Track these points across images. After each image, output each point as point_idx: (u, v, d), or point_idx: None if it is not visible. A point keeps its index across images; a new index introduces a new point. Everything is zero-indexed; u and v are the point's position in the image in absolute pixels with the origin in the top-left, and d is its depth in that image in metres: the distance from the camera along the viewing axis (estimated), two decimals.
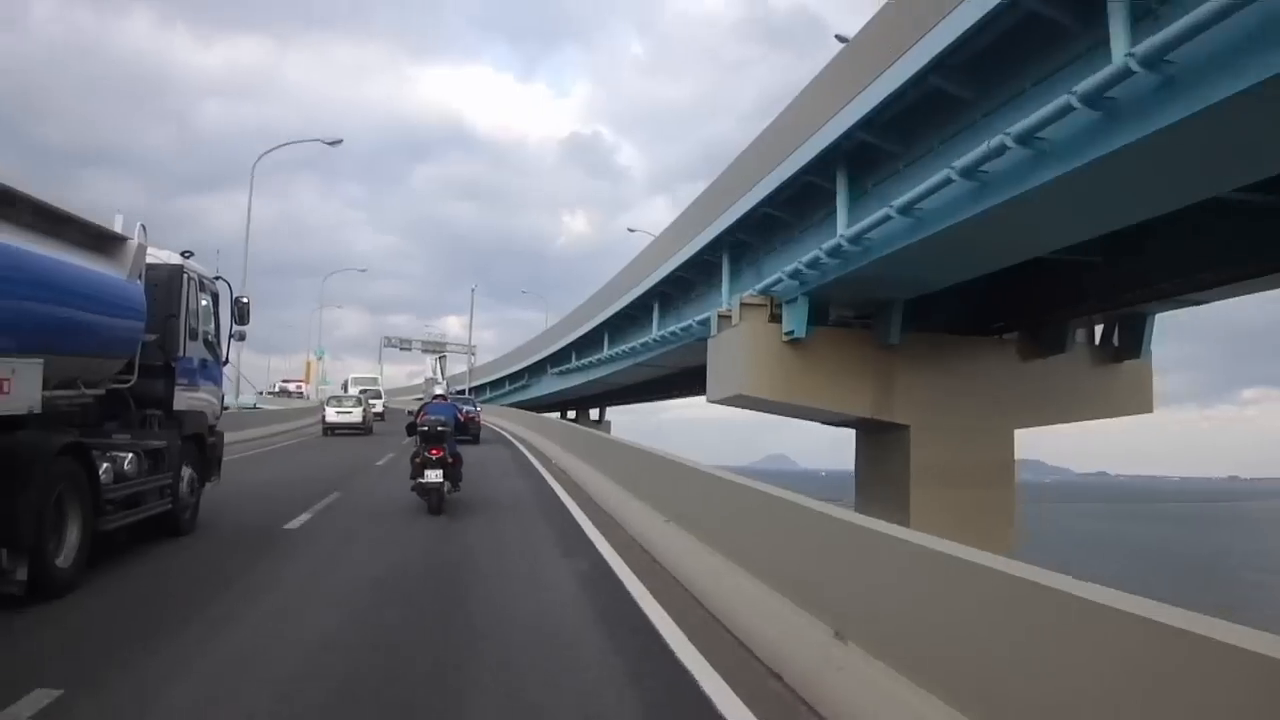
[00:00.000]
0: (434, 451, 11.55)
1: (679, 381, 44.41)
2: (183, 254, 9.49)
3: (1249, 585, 38.94)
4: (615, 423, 74.89)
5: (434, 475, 11.41)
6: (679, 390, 54.18)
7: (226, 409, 41.76)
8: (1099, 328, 23.62)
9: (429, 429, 11.77)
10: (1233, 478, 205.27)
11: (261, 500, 12.43)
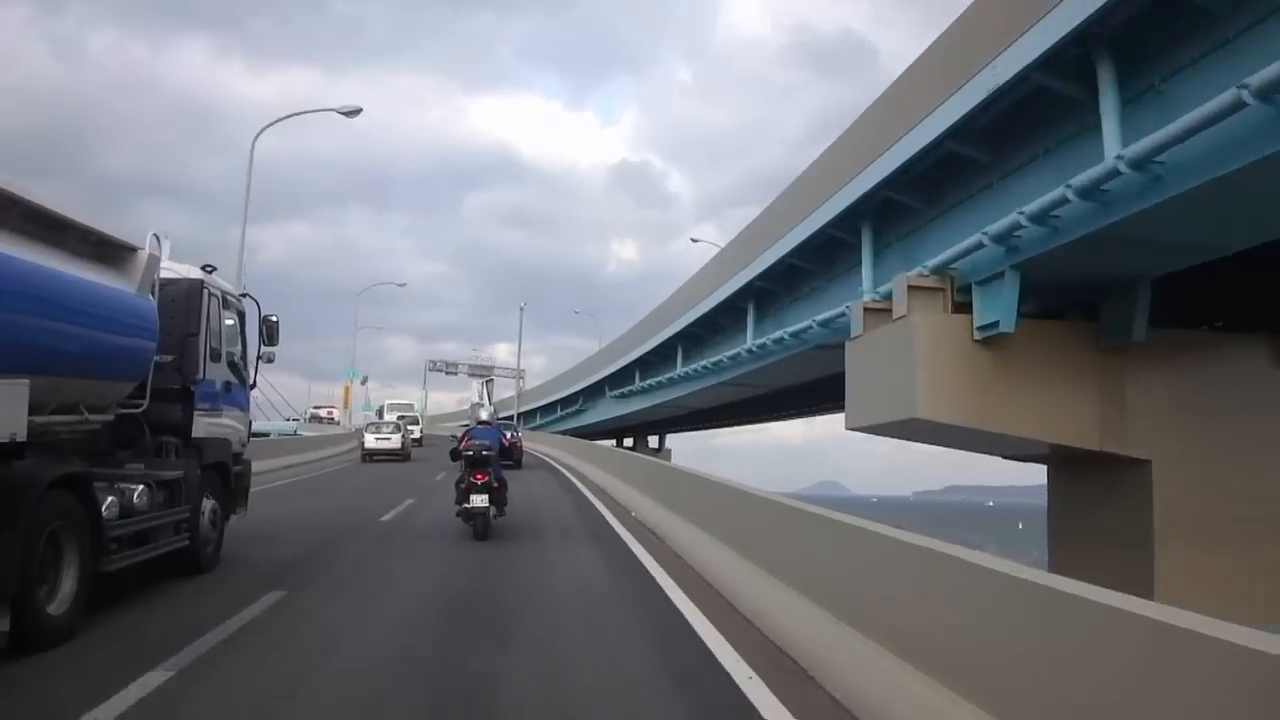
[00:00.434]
0: (479, 476, 11.43)
1: (773, 403, 39.09)
2: (204, 268, 8.81)
3: None
4: (674, 450, 67.00)
5: (480, 500, 11.32)
6: (770, 413, 47.71)
7: (265, 436, 41.88)
8: None
9: (474, 454, 11.68)
10: None
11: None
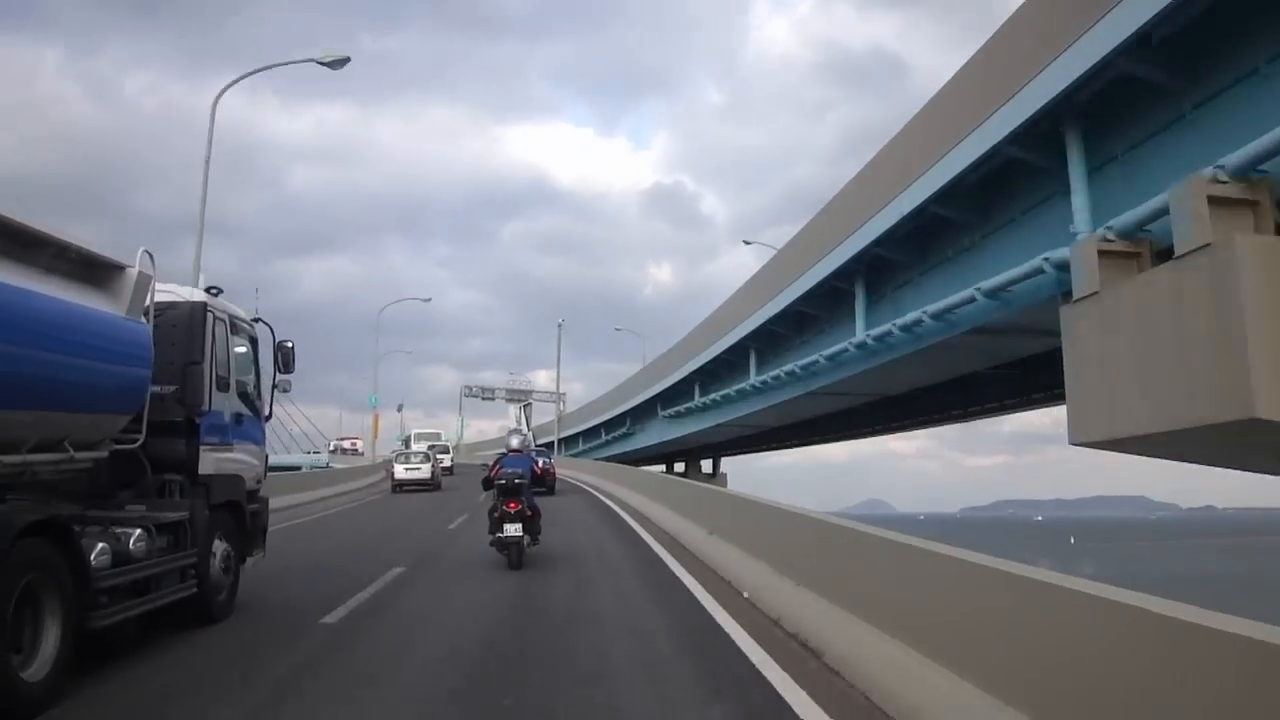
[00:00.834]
0: (511, 505, 11.27)
1: (868, 415, 32.30)
2: (209, 290, 8.14)
3: None
4: (729, 475, 61.09)
5: (513, 529, 11.20)
6: (860, 428, 38.40)
7: (295, 469, 41.49)
8: None
9: (506, 482, 11.52)
10: None
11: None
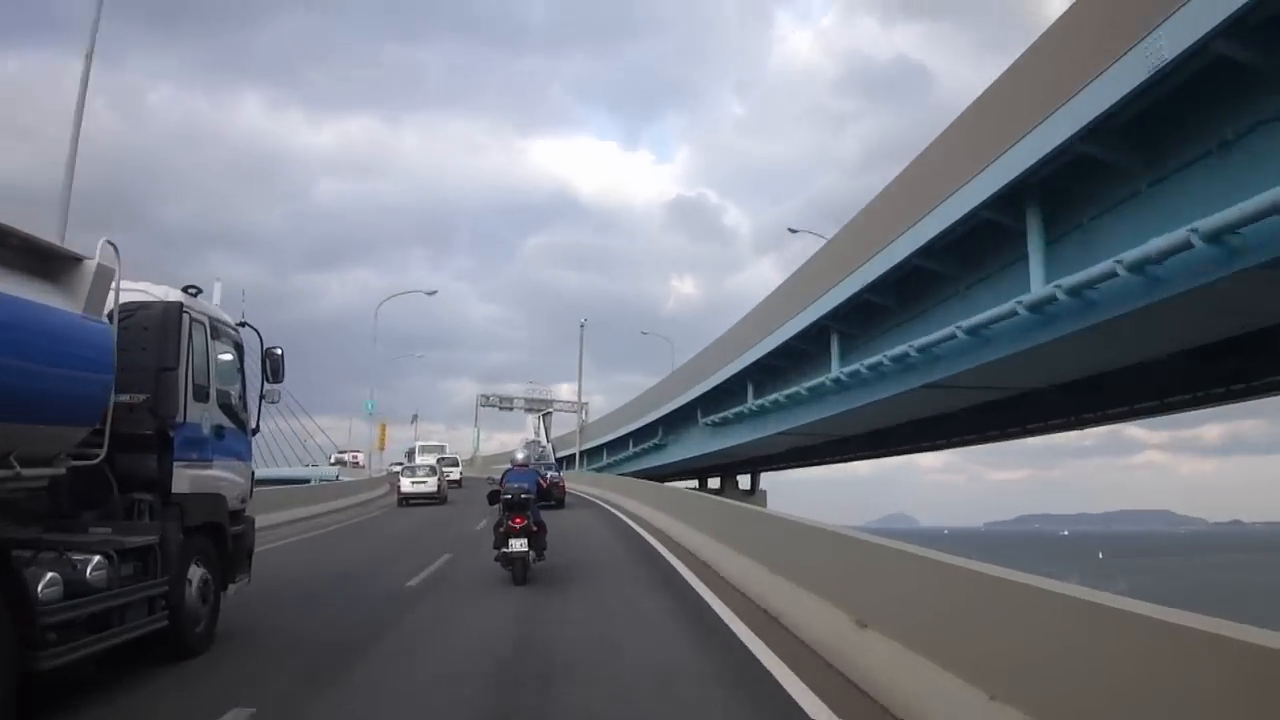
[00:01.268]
0: (517, 520, 11.23)
1: (965, 422, 25.59)
2: (186, 289, 7.38)
3: None
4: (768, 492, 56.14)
5: (519, 544, 11.12)
6: (950, 435, 30.32)
7: (305, 483, 40.99)
8: None
9: (511, 497, 11.44)
10: None
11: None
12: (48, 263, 5.66)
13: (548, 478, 12.71)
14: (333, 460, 64.67)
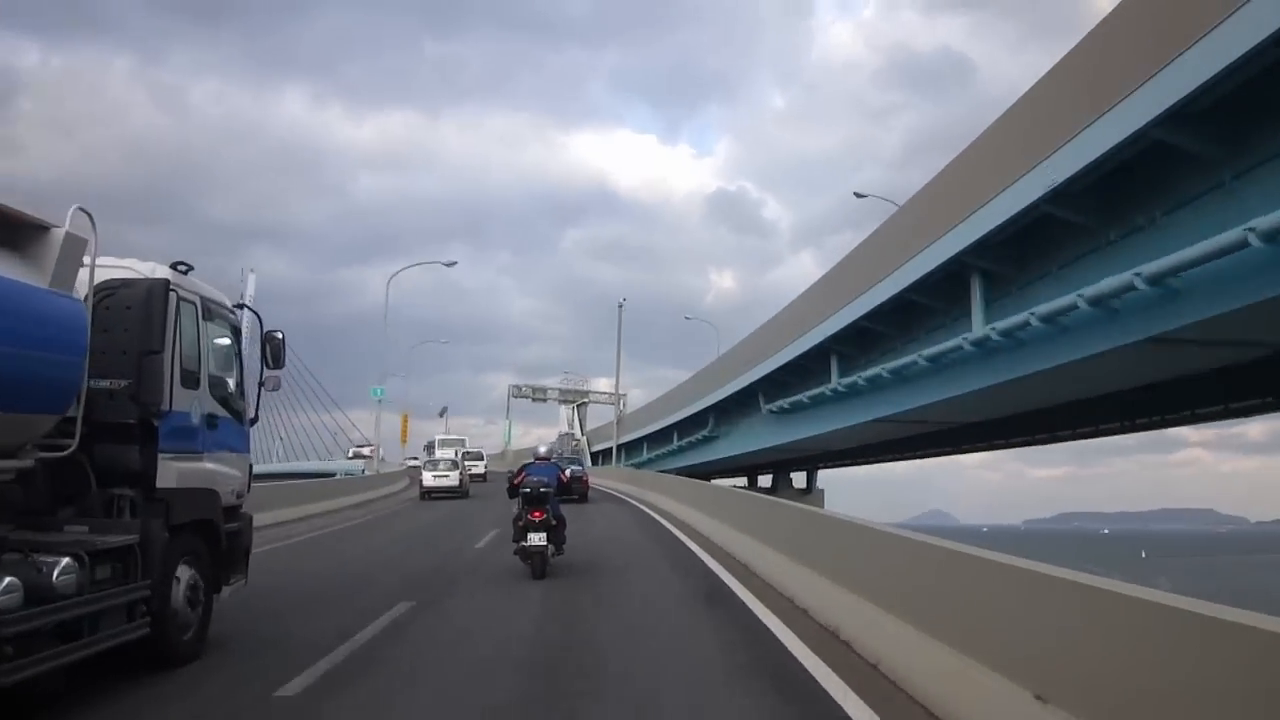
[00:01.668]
0: (536, 514, 11.12)
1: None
2: (175, 266, 6.79)
3: None
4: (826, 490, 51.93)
5: (537, 538, 11.00)
6: (1054, 429, 26.62)
7: (330, 476, 40.14)
8: None
9: (531, 490, 11.32)
10: None
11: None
12: (6, 230, 5.08)
13: (568, 472, 12.46)
14: (350, 455, 64.34)
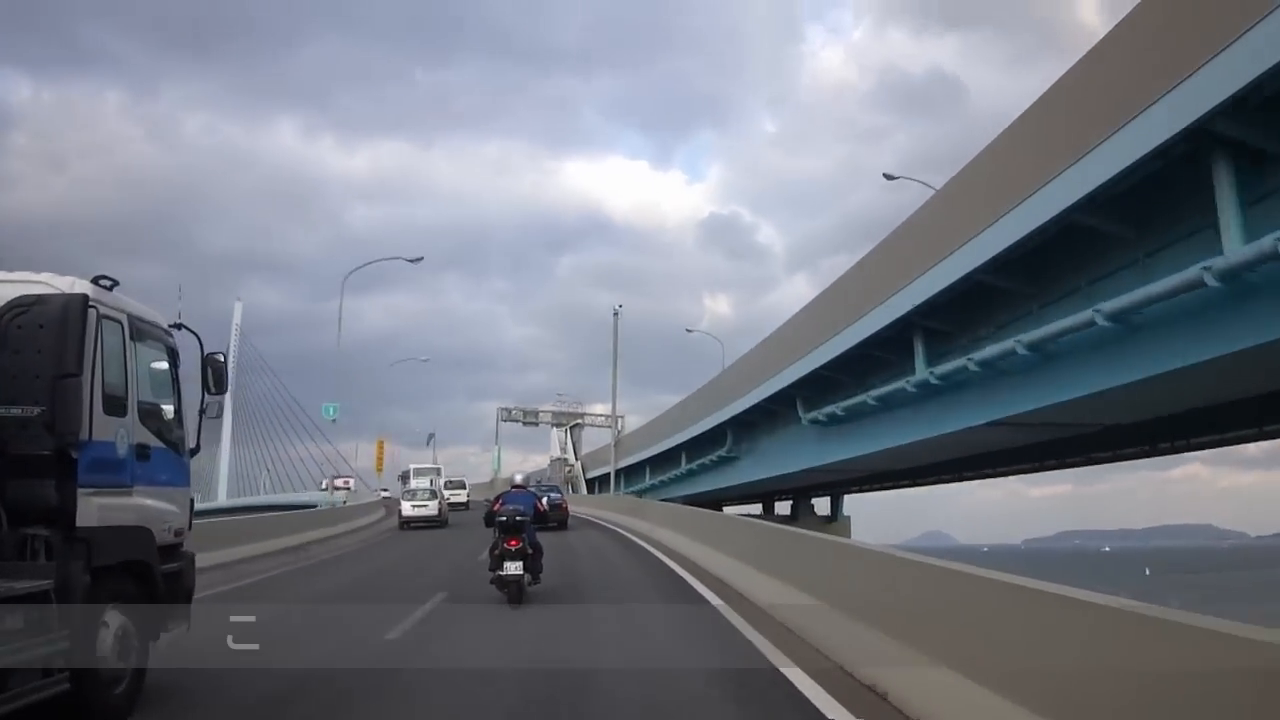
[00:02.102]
0: (512, 543, 11.20)
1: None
2: (97, 280, 6.19)
3: None
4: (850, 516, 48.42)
5: (513, 567, 11.09)
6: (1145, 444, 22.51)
7: (311, 507, 38.71)
8: None
9: (507, 519, 11.40)
10: None
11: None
12: None
13: (545, 500, 12.64)
14: (323, 486, 63.33)
